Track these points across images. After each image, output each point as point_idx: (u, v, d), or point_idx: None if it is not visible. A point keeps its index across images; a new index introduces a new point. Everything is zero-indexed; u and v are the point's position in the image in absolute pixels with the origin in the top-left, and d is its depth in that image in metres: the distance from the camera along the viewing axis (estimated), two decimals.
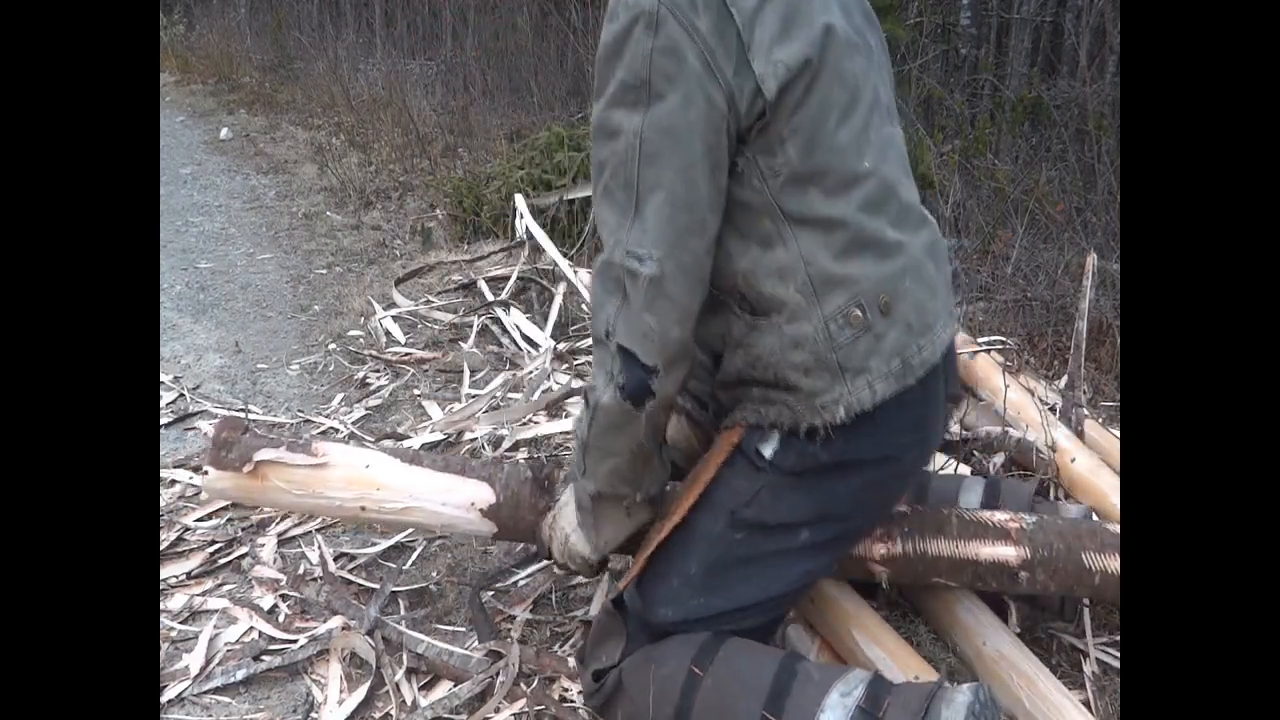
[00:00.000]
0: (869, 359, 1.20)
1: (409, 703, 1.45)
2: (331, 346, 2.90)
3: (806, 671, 1.21)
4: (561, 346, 2.71)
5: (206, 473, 1.51)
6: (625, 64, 1.14)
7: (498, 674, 1.48)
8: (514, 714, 1.40)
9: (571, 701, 1.39)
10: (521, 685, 1.46)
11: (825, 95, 1.17)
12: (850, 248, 1.19)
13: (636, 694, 1.25)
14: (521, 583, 1.73)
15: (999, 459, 2.00)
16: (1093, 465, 1.85)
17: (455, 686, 1.47)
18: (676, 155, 1.14)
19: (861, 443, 1.23)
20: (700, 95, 1.12)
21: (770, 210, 1.19)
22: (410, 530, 1.83)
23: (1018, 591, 1.39)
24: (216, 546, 1.87)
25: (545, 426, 2.25)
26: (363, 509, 1.49)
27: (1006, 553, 1.37)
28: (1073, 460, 1.86)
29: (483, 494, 1.48)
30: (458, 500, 1.47)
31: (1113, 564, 1.35)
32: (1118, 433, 2.06)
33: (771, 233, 1.19)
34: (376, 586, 1.70)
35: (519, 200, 3.60)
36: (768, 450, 1.24)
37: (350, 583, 1.72)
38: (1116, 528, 1.40)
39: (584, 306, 2.99)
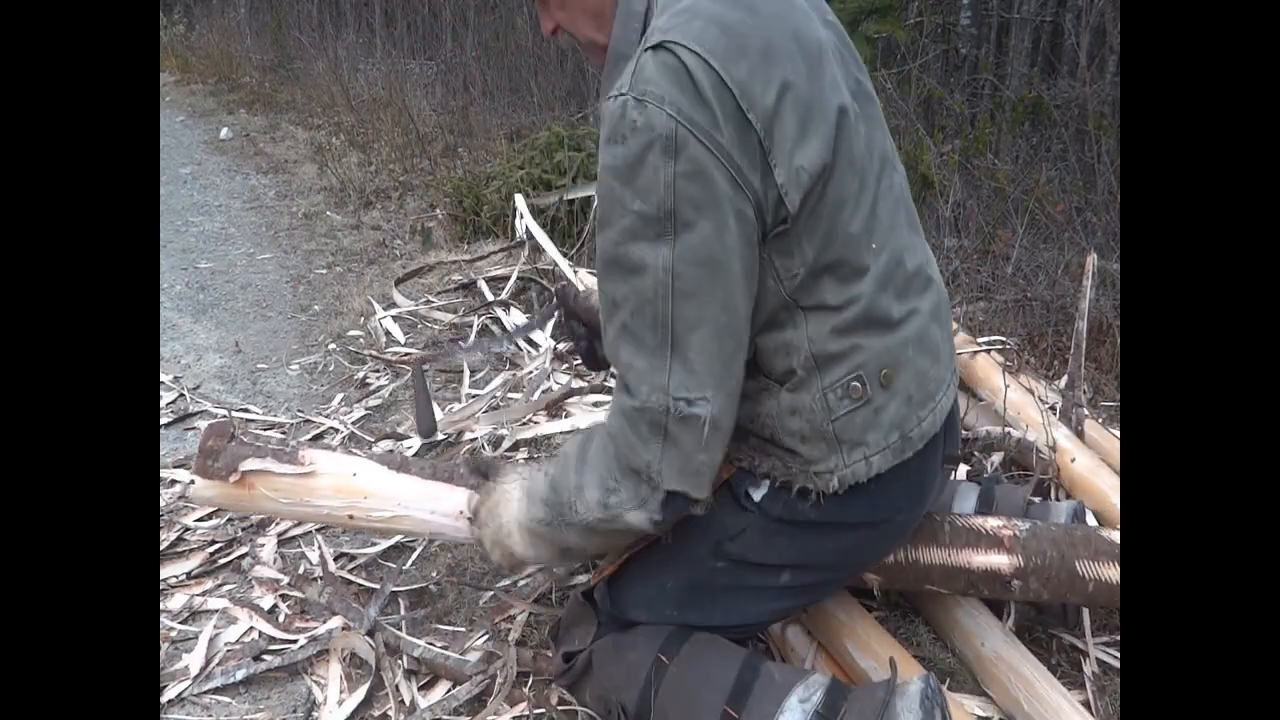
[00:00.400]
0: (866, 433, 1.17)
1: (408, 703, 1.45)
2: (331, 346, 2.90)
3: (769, 672, 1.23)
4: (561, 346, 2.71)
5: (193, 482, 1.50)
6: (641, 194, 1.03)
7: (496, 675, 1.48)
8: (514, 718, 1.40)
9: (570, 703, 1.39)
10: (521, 689, 1.46)
11: (839, 189, 1.11)
12: (857, 325, 1.15)
13: (604, 676, 1.29)
14: (521, 582, 1.73)
15: (998, 459, 2.00)
16: (1093, 465, 1.85)
17: (454, 688, 1.47)
18: (718, 286, 1.06)
19: (853, 507, 1.21)
20: (733, 217, 1.04)
21: (784, 303, 1.14)
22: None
23: (1011, 599, 1.40)
24: (216, 546, 1.87)
25: (545, 426, 2.25)
26: (350, 517, 1.46)
27: (999, 561, 1.37)
28: (1073, 460, 1.86)
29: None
30: (445, 509, 1.44)
31: (1107, 571, 1.35)
32: (1118, 433, 2.06)
33: (784, 319, 1.15)
34: (376, 587, 1.70)
35: (519, 200, 3.60)
36: (756, 494, 1.23)
37: (350, 583, 1.72)
38: (1112, 534, 1.40)
39: None
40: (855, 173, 1.13)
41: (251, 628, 1.63)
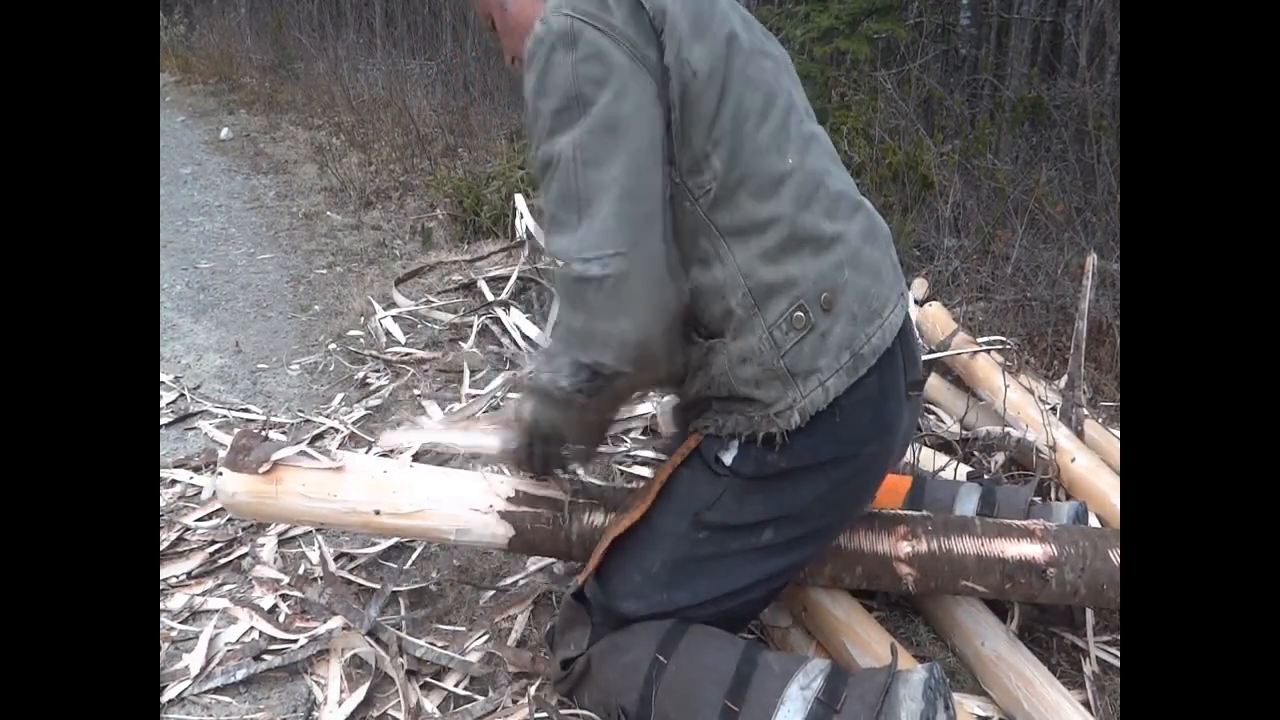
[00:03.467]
0: (817, 359, 1.20)
1: (410, 704, 1.45)
2: (331, 346, 2.90)
3: (767, 662, 1.23)
4: None
5: (221, 473, 1.51)
6: (551, 92, 1.12)
7: (497, 676, 1.48)
8: None
9: (570, 705, 1.39)
10: (528, 693, 1.46)
11: (739, 100, 1.17)
12: (786, 246, 1.19)
13: (602, 680, 1.29)
14: (521, 583, 1.73)
15: (999, 459, 2.00)
16: (1093, 465, 1.85)
17: (454, 687, 1.48)
18: (620, 148, 1.11)
19: (819, 445, 1.23)
20: (633, 84, 1.12)
21: (704, 228, 1.18)
22: None
23: (1049, 594, 1.36)
24: (216, 546, 1.87)
25: None
26: (377, 512, 1.47)
27: (1033, 550, 1.35)
28: (1073, 460, 1.86)
29: (503, 490, 1.48)
30: (477, 500, 1.46)
31: None
32: (1118, 433, 2.06)
33: (709, 251, 1.19)
34: (377, 587, 1.70)
35: (519, 200, 3.60)
36: (727, 457, 1.25)
37: (350, 583, 1.72)
38: None
39: None
40: (758, 91, 1.20)
41: (251, 628, 1.63)
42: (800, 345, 1.19)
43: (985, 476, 1.85)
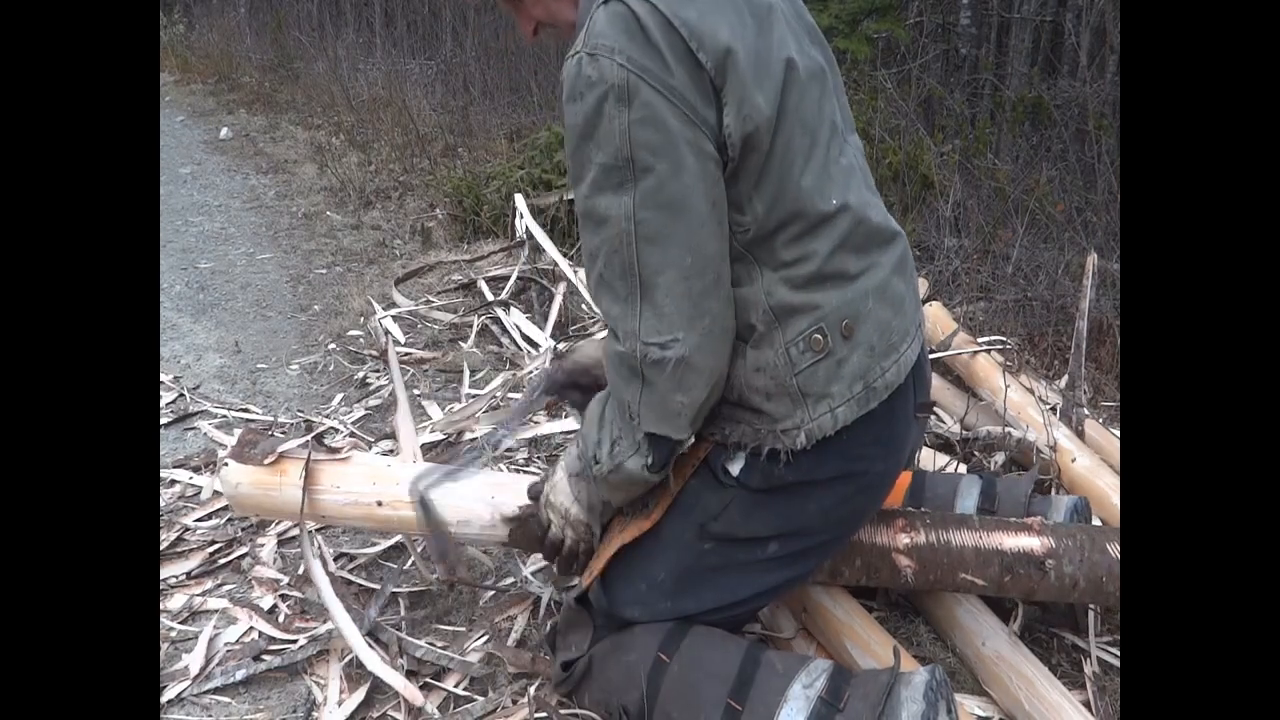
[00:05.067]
0: (830, 384, 1.18)
1: (410, 704, 1.45)
2: (331, 346, 2.90)
3: (770, 661, 1.23)
4: (562, 346, 2.71)
5: (226, 464, 1.52)
6: (601, 145, 1.07)
7: (497, 676, 1.48)
8: None
9: (571, 705, 1.39)
10: (528, 693, 1.45)
11: (788, 142, 1.14)
12: (813, 280, 1.17)
13: (604, 680, 1.29)
14: (521, 584, 1.73)
15: (999, 458, 2.00)
16: (1093, 465, 1.85)
17: (454, 688, 1.47)
18: (680, 227, 1.08)
19: (826, 462, 1.22)
20: (690, 155, 1.07)
21: (740, 257, 1.17)
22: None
23: (1047, 588, 1.36)
24: (216, 546, 1.87)
25: (545, 426, 2.25)
26: (379, 504, 1.49)
27: (1031, 543, 1.35)
28: (1073, 460, 1.86)
29: (503, 484, 1.49)
30: (479, 493, 1.47)
31: None
32: (1118, 433, 2.06)
33: (740, 274, 1.18)
34: (377, 587, 1.70)
35: (519, 200, 3.60)
36: (734, 468, 1.25)
37: (350, 583, 1.72)
38: None
39: (584, 306, 2.99)
40: (806, 131, 1.16)
41: (251, 628, 1.63)
42: (815, 368, 1.18)
43: (985, 472, 1.85)
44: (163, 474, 2.11)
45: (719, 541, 1.26)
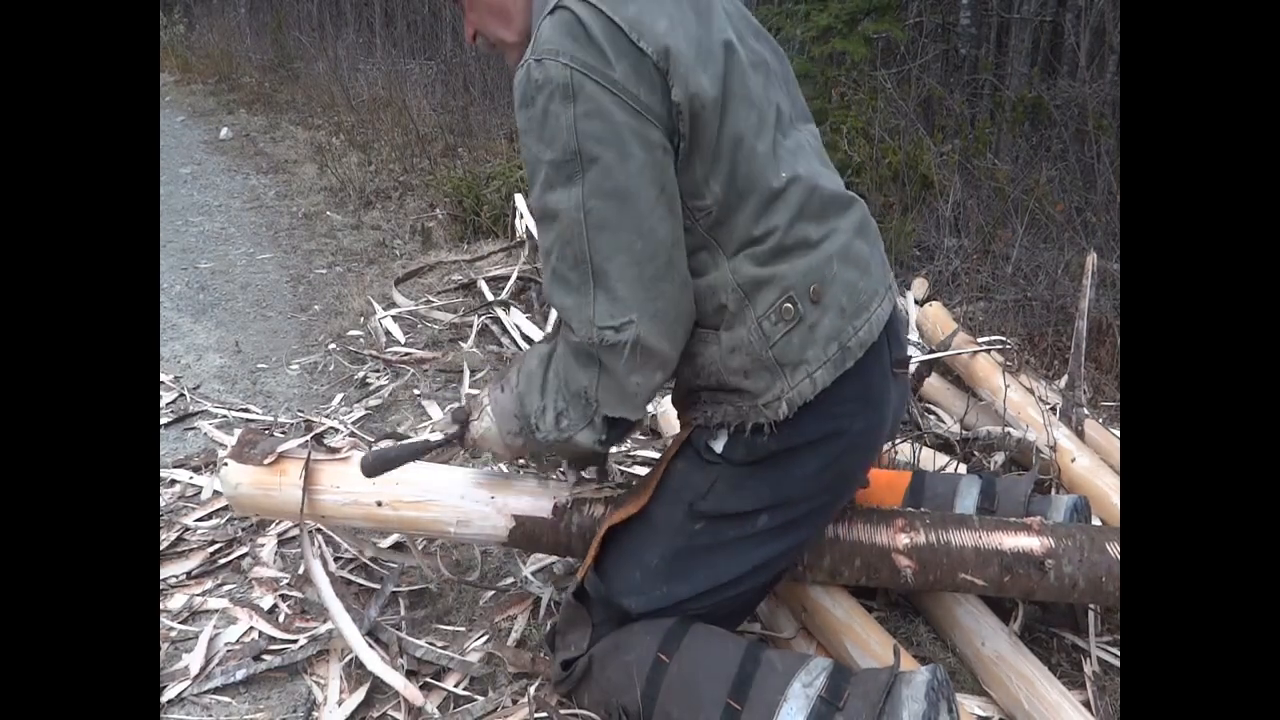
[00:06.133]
0: (805, 350, 1.21)
1: (410, 704, 1.45)
2: (331, 346, 2.90)
3: (770, 660, 1.23)
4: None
5: (226, 464, 1.52)
6: (550, 143, 1.11)
7: (497, 676, 1.48)
8: None
9: (571, 705, 1.39)
10: (528, 693, 1.46)
11: (736, 121, 1.17)
12: (778, 252, 1.21)
13: (604, 680, 1.30)
14: (520, 584, 1.73)
15: (999, 458, 2.00)
16: (1093, 465, 1.85)
17: (454, 687, 1.48)
18: (628, 214, 1.12)
19: (806, 426, 1.24)
20: (635, 143, 1.11)
21: (705, 244, 1.20)
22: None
23: (1047, 588, 1.36)
24: (216, 546, 1.87)
25: None
26: (379, 504, 1.49)
27: (1031, 543, 1.36)
28: (1073, 460, 1.86)
29: (502, 483, 1.49)
30: (478, 494, 1.48)
31: None
32: (1118, 433, 2.06)
33: (705, 260, 1.21)
34: (377, 587, 1.70)
35: (519, 200, 3.60)
36: (717, 445, 1.27)
37: (350, 583, 1.72)
38: None
39: None
40: (753, 107, 1.20)
41: (251, 628, 1.63)
42: (789, 337, 1.21)
43: (985, 471, 1.85)
44: (163, 474, 2.11)
45: (709, 520, 1.28)
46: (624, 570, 1.31)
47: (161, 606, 1.69)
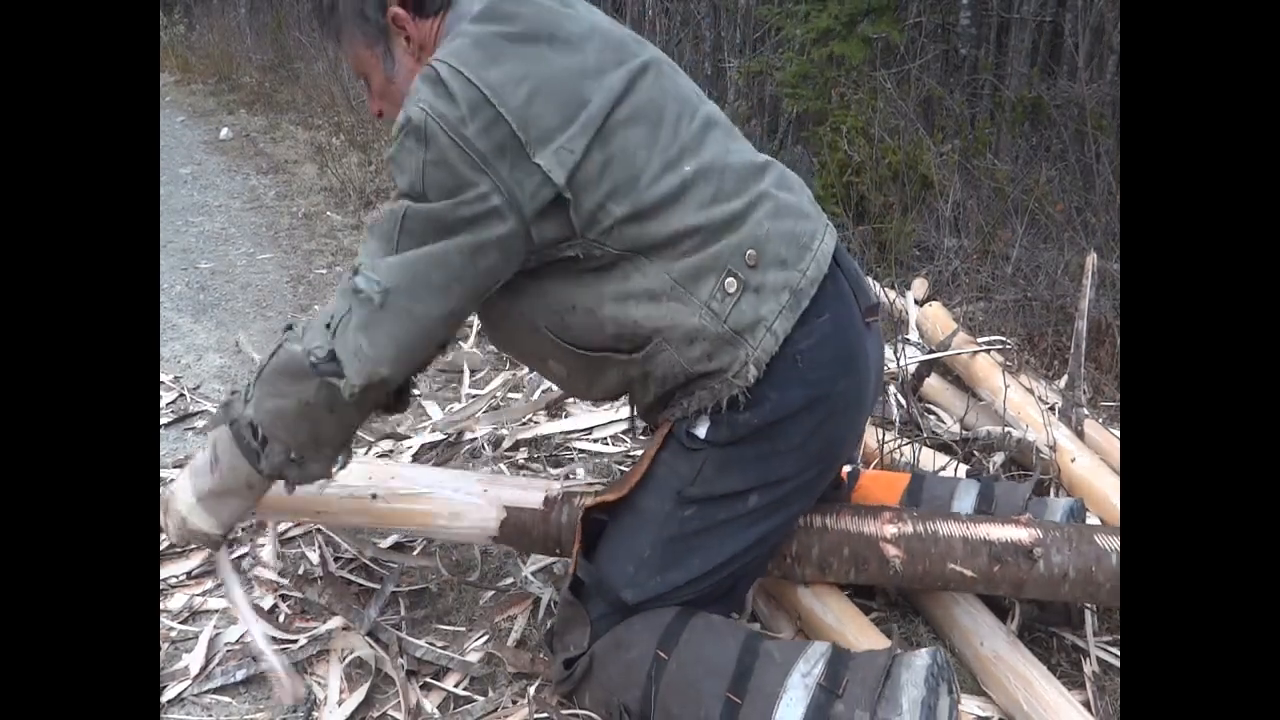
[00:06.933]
0: (759, 309, 1.23)
1: (411, 704, 1.45)
2: None
3: (768, 651, 1.23)
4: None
5: None
6: (404, 172, 1.17)
7: (497, 676, 1.48)
8: None
9: (571, 705, 1.39)
10: (528, 693, 1.46)
11: (624, 145, 1.19)
12: (706, 240, 1.22)
13: (604, 679, 1.30)
14: (520, 584, 1.73)
15: (999, 459, 2.00)
16: (1093, 465, 1.85)
17: (454, 688, 1.48)
18: (438, 241, 1.16)
19: (788, 394, 1.25)
20: (476, 203, 1.15)
21: (622, 259, 1.22)
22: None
23: (1036, 578, 1.36)
24: None
25: (545, 426, 2.25)
26: (374, 496, 1.50)
27: (1019, 533, 1.36)
28: (1073, 460, 1.86)
29: (494, 479, 1.51)
30: (470, 486, 1.49)
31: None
32: (1118, 433, 2.06)
33: (628, 269, 1.22)
34: (377, 587, 1.70)
35: None
36: (700, 431, 1.27)
37: (350, 583, 1.72)
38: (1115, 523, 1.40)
39: None
40: (645, 122, 1.21)
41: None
42: (739, 305, 1.22)
43: (984, 476, 1.85)
44: (163, 474, 2.11)
45: (699, 505, 1.28)
46: (618, 563, 1.31)
47: (162, 606, 1.69)
